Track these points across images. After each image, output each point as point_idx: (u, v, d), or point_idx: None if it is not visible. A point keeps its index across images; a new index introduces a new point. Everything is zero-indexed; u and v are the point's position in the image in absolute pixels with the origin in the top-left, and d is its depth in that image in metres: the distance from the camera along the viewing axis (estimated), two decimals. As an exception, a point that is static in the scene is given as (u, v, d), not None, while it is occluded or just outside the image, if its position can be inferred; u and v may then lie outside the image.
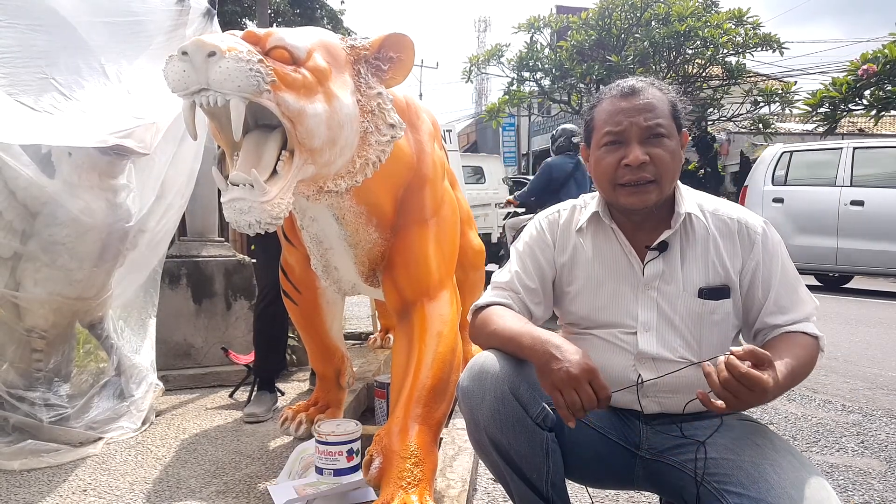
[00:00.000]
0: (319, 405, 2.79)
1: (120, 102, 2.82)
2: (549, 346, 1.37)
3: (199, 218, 4.29)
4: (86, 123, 2.59)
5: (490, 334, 1.56)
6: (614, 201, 1.59)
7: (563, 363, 1.31)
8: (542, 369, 1.36)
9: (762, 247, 1.56)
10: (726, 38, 16.12)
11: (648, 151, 1.50)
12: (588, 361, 1.31)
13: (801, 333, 1.49)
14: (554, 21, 18.58)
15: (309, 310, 2.63)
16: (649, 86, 1.55)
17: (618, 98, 1.55)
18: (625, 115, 1.51)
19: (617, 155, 1.53)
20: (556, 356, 1.33)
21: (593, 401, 1.29)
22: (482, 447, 1.53)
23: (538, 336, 1.42)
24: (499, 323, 1.55)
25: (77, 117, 2.58)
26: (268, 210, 1.59)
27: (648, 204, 1.54)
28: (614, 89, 1.58)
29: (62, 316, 2.85)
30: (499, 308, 1.63)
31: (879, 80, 11.19)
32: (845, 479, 2.51)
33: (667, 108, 1.53)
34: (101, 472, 2.49)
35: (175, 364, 3.88)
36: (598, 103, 1.61)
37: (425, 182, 2.23)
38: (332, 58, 1.80)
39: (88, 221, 2.73)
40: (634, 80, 1.57)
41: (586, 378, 1.29)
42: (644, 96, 1.52)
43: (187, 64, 1.51)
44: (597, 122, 1.59)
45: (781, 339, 1.49)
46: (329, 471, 2.05)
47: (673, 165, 1.53)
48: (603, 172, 1.57)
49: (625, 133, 1.51)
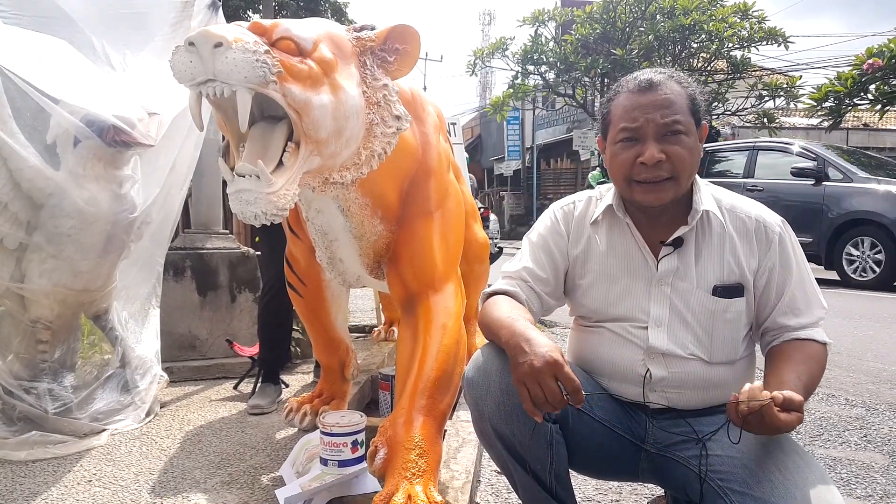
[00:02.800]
0: (324, 397, 2.79)
1: (126, 92, 2.82)
2: (520, 340, 1.35)
3: (203, 210, 4.30)
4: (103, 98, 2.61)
5: (486, 325, 1.56)
6: (630, 197, 1.58)
7: (529, 356, 1.30)
8: (512, 363, 1.35)
9: (779, 247, 1.55)
10: (731, 31, 16.07)
11: (665, 149, 1.48)
12: (554, 355, 1.28)
13: (811, 342, 1.48)
14: (559, 14, 18.54)
15: (314, 302, 2.64)
16: (668, 79, 1.52)
17: (635, 92, 1.52)
18: (641, 112, 1.49)
19: (633, 152, 1.51)
20: (523, 349, 1.32)
21: (556, 394, 1.26)
22: (487, 438, 1.53)
23: (514, 329, 1.40)
24: (493, 314, 1.54)
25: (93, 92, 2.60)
26: (273, 201, 1.59)
27: (664, 201, 1.53)
28: (632, 82, 1.54)
29: (67, 307, 2.86)
30: (500, 298, 1.62)
31: (885, 75, 11.15)
32: (848, 472, 2.51)
33: (685, 102, 1.50)
34: (106, 463, 2.50)
35: (180, 356, 3.89)
36: (615, 96, 1.58)
37: (430, 174, 2.23)
38: (338, 49, 1.80)
39: (93, 212, 2.73)
40: (653, 72, 1.54)
41: (550, 371, 1.26)
42: (662, 91, 1.49)
43: (194, 55, 1.50)
44: (613, 115, 1.56)
45: (795, 349, 1.48)
46: (334, 462, 2.05)
47: (690, 161, 1.51)
48: (619, 169, 1.55)
49: (641, 130, 1.49)
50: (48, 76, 2.50)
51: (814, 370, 1.43)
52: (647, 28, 16.83)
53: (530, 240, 1.74)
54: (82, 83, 2.64)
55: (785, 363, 1.44)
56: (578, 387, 1.27)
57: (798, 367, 1.41)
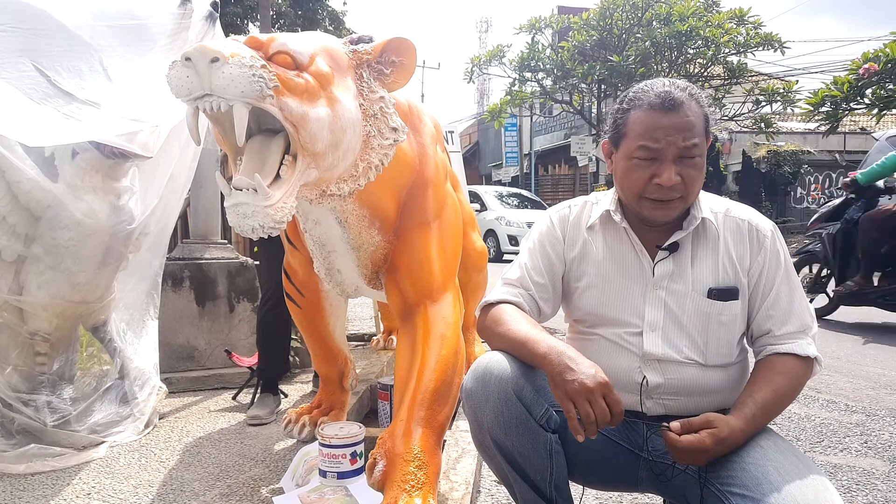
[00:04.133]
0: (323, 407, 2.79)
1: (123, 105, 2.82)
2: (564, 358, 1.37)
3: (201, 220, 4.30)
4: (94, 119, 2.59)
5: (501, 335, 1.56)
6: (638, 211, 1.58)
7: (579, 374, 1.32)
8: (556, 379, 1.35)
9: (769, 250, 1.57)
10: (727, 37, 16.15)
11: (681, 171, 1.48)
12: (603, 375, 1.32)
13: (789, 357, 1.50)
14: (555, 21, 18.62)
15: (312, 312, 2.64)
16: (689, 98, 1.50)
17: (657, 110, 1.48)
18: (663, 133, 1.47)
19: (649, 171, 1.50)
20: (571, 367, 1.34)
21: (606, 415, 1.29)
22: (486, 449, 1.53)
23: (554, 346, 1.41)
24: (511, 325, 1.54)
25: (85, 114, 2.58)
26: (271, 214, 1.59)
27: (671, 218, 1.55)
28: (653, 97, 1.50)
29: (65, 319, 2.86)
30: (511, 308, 1.62)
31: (881, 79, 11.19)
32: (849, 479, 2.51)
33: (702, 124, 1.50)
34: (105, 476, 2.50)
35: (178, 366, 3.88)
36: (633, 107, 1.54)
37: (427, 185, 2.23)
38: (334, 62, 1.80)
39: (91, 224, 2.73)
40: (673, 88, 1.51)
41: (601, 392, 1.30)
42: (684, 113, 1.47)
43: (191, 70, 1.51)
44: (631, 129, 1.53)
45: (766, 366, 1.51)
46: (332, 473, 2.05)
47: (700, 180, 1.53)
48: (632, 185, 1.55)
49: (661, 151, 1.48)
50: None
51: (779, 385, 1.45)
52: (643, 34, 16.91)
53: (528, 245, 1.75)
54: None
55: (749, 383, 1.51)
56: (622, 410, 1.32)
57: (758, 384, 1.47)
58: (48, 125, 2.46)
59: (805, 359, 1.49)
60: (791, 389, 1.47)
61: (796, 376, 1.48)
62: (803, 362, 1.49)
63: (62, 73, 2.69)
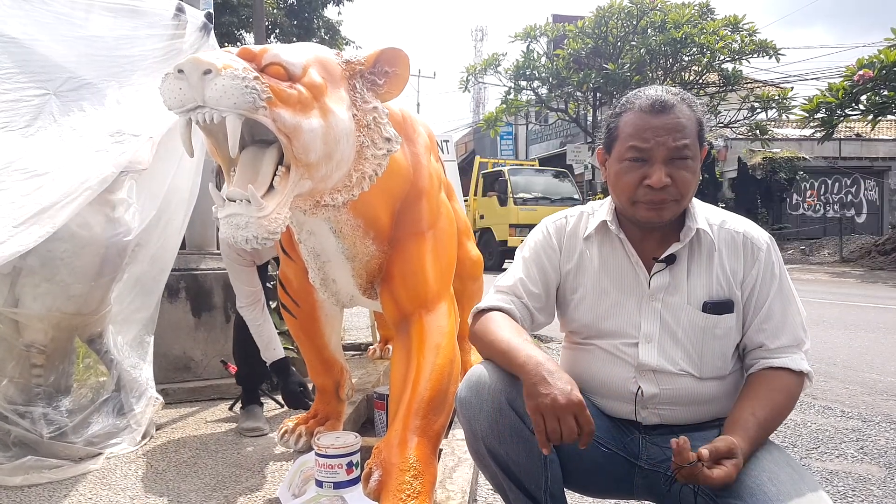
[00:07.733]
0: (319, 417, 2.78)
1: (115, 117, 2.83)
2: (541, 369, 1.36)
3: (197, 231, 4.29)
4: (86, 159, 2.61)
5: (488, 343, 1.56)
6: (631, 215, 1.58)
7: (553, 390, 1.31)
8: (530, 390, 1.35)
9: (764, 263, 1.56)
10: (722, 44, 16.22)
11: (671, 173, 1.48)
12: (577, 394, 1.31)
13: (783, 372, 1.49)
14: (550, 30, 18.69)
15: (307, 323, 2.64)
16: (680, 102, 1.51)
17: (647, 112, 1.50)
18: (653, 133, 1.48)
19: (639, 173, 1.51)
20: (547, 381, 1.33)
21: (573, 433, 1.29)
22: (480, 458, 1.53)
23: (534, 356, 1.40)
24: (496, 333, 1.54)
25: (79, 151, 2.60)
26: (265, 225, 1.60)
27: (665, 219, 1.54)
28: (643, 100, 1.52)
29: (61, 331, 2.86)
30: (499, 315, 1.61)
31: (875, 85, 11.27)
32: (845, 485, 2.51)
33: (694, 127, 1.51)
34: (102, 487, 2.49)
35: (174, 377, 3.87)
36: (624, 111, 1.55)
37: (422, 194, 2.24)
38: (327, 73, 1.81)
39: (86, 236, 2.74)
40: (665, 91, 1.53)
41: (572, 410, 1.29)
42: (674, 114, 1.48)
43: (183, 82, 1.52)
44: (622, 131, 1.54)
45: (762, 381, 1.49)
46: (329, 483, 2.05)
47: (693, 184, 1.52)
48: (623, 188, 1.55)
49: (650, 151, 1.49)
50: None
51: (778, 402, 1.44)
52: (638, 42, 16.97)
53: (523, 254, 1.75)
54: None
55: (746, 398, 1.48)
56: (593, 430, 1.31)
57: (758, 401, 1.44)
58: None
59: (798, 373, 1.49)
60: (788, 406, 1.47)
61: (792, 392, 1.48)
62: (797, 377, 1.49)
63: (57, 83, 2.71)
